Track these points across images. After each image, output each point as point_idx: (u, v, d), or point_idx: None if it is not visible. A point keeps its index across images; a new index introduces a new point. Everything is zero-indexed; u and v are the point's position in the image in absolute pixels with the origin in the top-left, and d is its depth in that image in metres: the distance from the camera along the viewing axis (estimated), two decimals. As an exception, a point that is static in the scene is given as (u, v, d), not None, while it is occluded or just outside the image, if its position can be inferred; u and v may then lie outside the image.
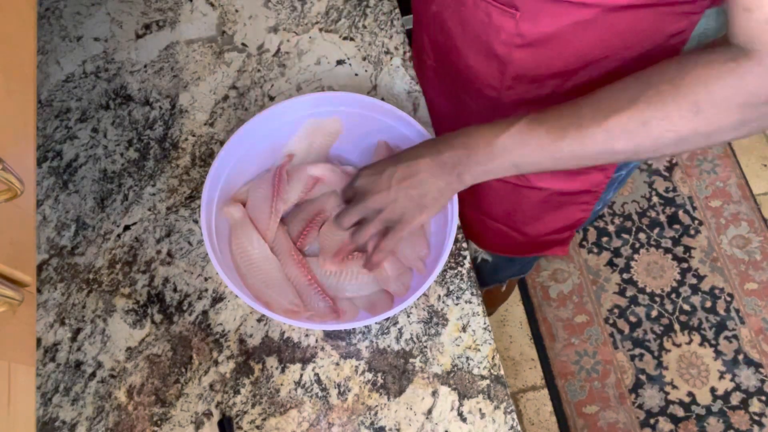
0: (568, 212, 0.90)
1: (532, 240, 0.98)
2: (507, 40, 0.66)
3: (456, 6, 0.69)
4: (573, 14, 0.60)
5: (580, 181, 0.84)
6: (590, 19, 0.60)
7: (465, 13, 0.68)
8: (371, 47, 0.95)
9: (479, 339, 0.79)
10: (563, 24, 0.62)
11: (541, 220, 0.92)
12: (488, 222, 0.97)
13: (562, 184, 0.85)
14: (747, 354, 1.64)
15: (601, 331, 1.67)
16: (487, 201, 0.93)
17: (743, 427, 1.57)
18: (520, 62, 0.68)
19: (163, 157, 0.88)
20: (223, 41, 0.96)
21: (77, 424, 0.74)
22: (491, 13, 0.65)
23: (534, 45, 0.65)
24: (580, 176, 0.83)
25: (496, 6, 0.63)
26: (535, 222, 0.93)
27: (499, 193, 0.90)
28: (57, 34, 0.96)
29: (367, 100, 0.78)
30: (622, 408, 1.58)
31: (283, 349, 0.78)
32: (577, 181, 0.84)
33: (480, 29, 0.68)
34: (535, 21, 0.63)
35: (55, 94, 0.92)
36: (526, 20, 0.63)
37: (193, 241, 0.83)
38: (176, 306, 0.80)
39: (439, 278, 0.81)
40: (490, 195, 0.92)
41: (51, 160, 0.87)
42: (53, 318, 0.78)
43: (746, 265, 1.75)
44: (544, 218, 0.92)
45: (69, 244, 0.82)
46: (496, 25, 0.65)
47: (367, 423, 0.75)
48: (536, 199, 0.88)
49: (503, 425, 0.75)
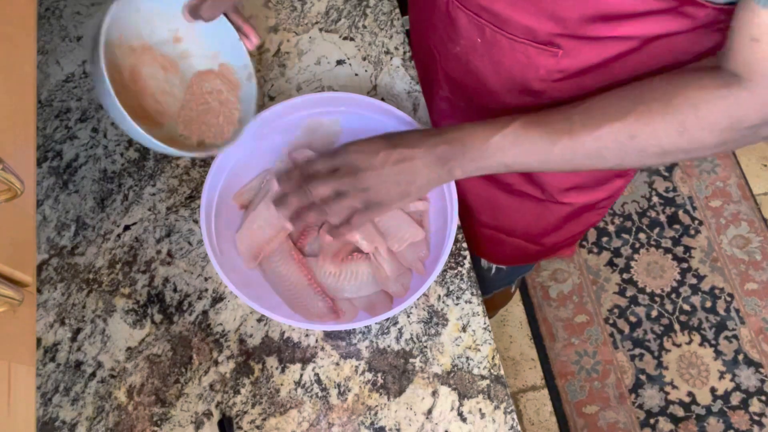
0: (586, 219, 0.91)
1: (547, 249, 0.98)
2: (546, 77, 0.66)
3: (486, 49, 0.68)
4: (615, 47, 0.61)
5: (604, 191, 0.85)
6: (632, 48, 0.61)
7: (498, 54, 0.67)
8: (371, 47, 0.95)
9: (479, 339, 0.79)
10: (605, 56, 0.62)
11: (561, 230, 0.93)
12: (504, 238, 0.97)
13: (587, 197, 0.85)
14: (747, 354, 1.64)
15: (601, 331, 1.67)
16: (507, 218, 0.93)
17: (743, 427, 1.57)
18: (556, 93, 0.68)
19: (163, 157, 0.88)
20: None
21: (77, 424, 0.74)
22: (530, 53, 0.64)
23: (574, 77, 0.65)
24: (604, 186, 0.84)
25: (536, 47, 0.63)
26: (555, 232, 0.93)
27: (521, 210, 0.90)
28: (57, 34, 0.96)
29: (367, 100, 0.78)
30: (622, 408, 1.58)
31: (283, 349, 0.78)
32: (601, 191, 0.85)
33: (516, 69, 0.68)
34: (577, 57, 0.63)
35: (55, 94, 0.92)
36: (567, 57, 0.63)
37: (193, 241, 0.83)
38: (176, 306, 0.80)
39: (439, 278, 0.81)
40: (511, 213, 0.91)
41: (51, 160, 0.88)
42: (53, 318, 0.78)
43: (746, 265, 1.75)
44: (563, 228, 0.92)
45: (69, 244, 0.82)
46: (535, 64, 0.65)
47: (367, 423, 0.75)
48: (560, 214, 0.88)
49: (503, 425, 0.75)
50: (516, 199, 0.88)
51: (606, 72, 0.64)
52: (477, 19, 0.66)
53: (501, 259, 1.06)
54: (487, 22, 0.65)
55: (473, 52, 0.70)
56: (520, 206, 0.89)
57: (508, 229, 0.95)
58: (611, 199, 0.88)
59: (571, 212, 0.88)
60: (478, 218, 0.94)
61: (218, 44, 0.74)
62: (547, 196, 0.85)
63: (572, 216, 0.89)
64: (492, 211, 0.92)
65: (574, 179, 0.82)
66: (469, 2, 0.65)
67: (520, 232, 0.95)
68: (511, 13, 0.62)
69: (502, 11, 0.63)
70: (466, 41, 0.70)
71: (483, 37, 0.67)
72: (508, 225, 0.94)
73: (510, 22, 0.63)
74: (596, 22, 0.58)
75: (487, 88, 0.73)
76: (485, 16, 0.65)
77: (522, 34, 0.63)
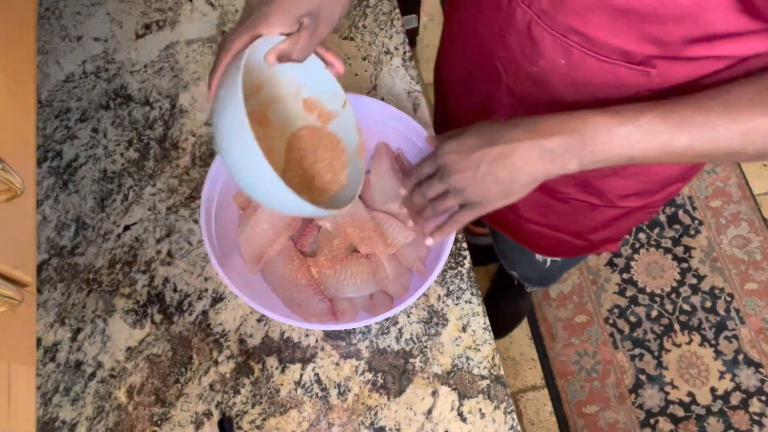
0: (636, 218, 0.89)
1: (594, 244, 0.97)
2: (633, 95, 0.64)
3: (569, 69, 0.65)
4: (709, 66, 0.59)
5: (663, 194, 0.83)
6: (725, 66, 0.59)
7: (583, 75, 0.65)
8: (371, 47, 0.95)
9: (479, 339, 0.79)
10: (698, 75, 0.61)
11: (610, 228, 0.91)
12: (549, 232, 0.95)
13: (645, 201, 0.84)
14: (747, 354, 1.64)
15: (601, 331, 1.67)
16: (554, 217, 0.91)
17: (743, 427, 1.57)
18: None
19: (163, 157, 0.88)
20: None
21: (77, 424, 0.74)
22: (620, 73, 0.62)
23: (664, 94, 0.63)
24: (664, 190, 0.82)
25: (628, 67, 0.61)
26: (603, 230, 0.92)
27: (571, 212, 0.88)
28: (57, 34, 0.96)
29: (367, 100, 0.78)
30: (622, 408, 1.58)
31: (283, 349, 0.78)
32: (660, 194, 0.83)
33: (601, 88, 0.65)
34: (671, 76, 0.61)
35: (55, 94, 0.92)
36: (661, 76, 0.61)
37: (193, 241, 0.83)
38: (176, 306, 0.80)
39: (439, 278, 0.81)
40: (559, 213, 0.89)
41: (51, 160, 0.87)
42: (53, 318, 0.78)
43: (746, 265, 1.75)
44: (612, 226, 0.91)
45: (69, 244, 0.82)
46: (625, 83, 0.63)
47: (367, 423, 0.75)
48: (611, 215, 0.87)
49: (503, 425, 0.75)
50: (570, 204, 0.86)
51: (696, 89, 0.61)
52: (564, 40, 0.62)
53: (547, 251, 1.05)
54: (575, 44, 0.62)
55: (553, 72, 0.67)
56: (570, 209, 0.87)
57: (557, 226, 0.93)
58: (665, 200, 0.87)
59: (623, 213, 0.86)
60: (522, 214, 0.92)
61: (300, 79, 0.70)
62: (604, 202, 0.83)
63: (623, 216, 0.87)
64: (538, 210, 0.90)
65: (637, 186, 0.80)
66: (556, 24, 0.61)
67: (567, 230, 0.93)
68: (607, 37, 0.59)
69: (595, 35, 0.60)
70: (546, 61, 0.66)
71: (568, 59, 0.64)
72: (555, 223, 0.92)
73: (604, 45, 0.60)
74: (696, 43, 0.57)
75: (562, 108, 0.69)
76: (574, 39, 0.62)
77: (615, 56, 0.61)
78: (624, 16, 0.56)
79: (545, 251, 1.04)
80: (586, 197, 0.83)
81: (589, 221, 0.89)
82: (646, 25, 0.56)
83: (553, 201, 0.86)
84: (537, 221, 0.93)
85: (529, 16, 0.63)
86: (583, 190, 0.82)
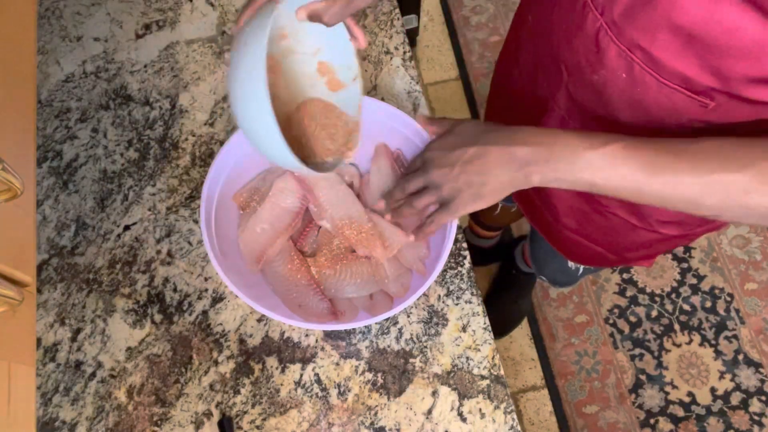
0: (674, 243, 0.88)
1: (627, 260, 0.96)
2: (686, 124, 0.63)
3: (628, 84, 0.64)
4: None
5: (704, 228, 0.82)
6: None
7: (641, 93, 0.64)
8: (371, 47, 0.95)
9: (479, 339, 0.79)
10: (755, 118, 0.59)
11: (646, 249, 0.90)
12: (586, 243, 0.94)
13: (685, 230, 0.82)
14: (747, 354, 1.64)
15: (601, 331, 1.67)
16: (593, 230, 0.90)
17: (743, 427, 1.57)
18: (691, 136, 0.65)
19: (163, 157, 0.88)
20: (224, 41, 0.96)
21: (77, 424, 0.74)
22: (676, 99, 0.61)
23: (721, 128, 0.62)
24: (707, 224, 0.81)
25: (686, 95, 0.60)
26: (639, 250, 0.91)
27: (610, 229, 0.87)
28: (57, 34, 0.96)
29: (367, 100, 0.78)
30: (622, 408, 1.58)
31: (283, 349, 0.78)
32: (701, 228, 0.82)
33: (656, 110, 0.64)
34: (727, 113, 0.60)
35: (55, 94, 0.92)
36: (717, 112, 0.60)
37: (193, 241, 0.83)
38: (176, 306, 0.80)
39: (439, 278, 0.81)
40: (599, 227, 0.88)
41: (51, 160, 0.87)
42: (53, 318, 0.78)
43: (746, 265, 1.75)
44: (651, 248, 0.90)
45: (69, 244, 0.82)
46: (679, 110, 0.62)
47: (367, 423, 0.75)
48: (650, 238, 0.85)
49: (503, 425, 0.75)
50: (608, 219, 0.85)
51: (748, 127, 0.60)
52: (628, 54, 0.62)
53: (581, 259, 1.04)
54: (638, 60, 0.61)
55: (613, 84, 0.66)
56: (610, 225, 0.86)
57: (592, 238, 0.92)
58: (706, 233, 0.85)
59: (661, 238, 0.85)
60: (562, 221, 0.92)
61: (323, 42, 0.71)
62: (644, 225, 0.82)
63: (660, 240, 0.86)
64: (578, 219, 0.89)
65: (680, 215, 0.78)
66: (623, 36, 0.61)
67: (603, 244, 0.92)
68: (670, 60, 0.59)
69: (659, 55, 0.59)
70: (608, 72, 0.65)
71: (629, 73, 0.63)
72: (593, 235, 0.91)
73: (665, 67, 0.60)
74: (757, 84, 0.55)
75: (617, 121, 0.69)
76: (638, 54, 0.61)
77: (676, 81, 0.60)
78: (689, 41, 0.55)
79: (579, 259, 1.04)
80: (627, 216, 0.82)
81: (624, 240, 0.88)
82: (709, 55, 0.55)
83: (593, 212, 0.85)
84: (575, 229, 0.92)
85: (599, 24, 0.62)
86: (625, 208, 0.81)
